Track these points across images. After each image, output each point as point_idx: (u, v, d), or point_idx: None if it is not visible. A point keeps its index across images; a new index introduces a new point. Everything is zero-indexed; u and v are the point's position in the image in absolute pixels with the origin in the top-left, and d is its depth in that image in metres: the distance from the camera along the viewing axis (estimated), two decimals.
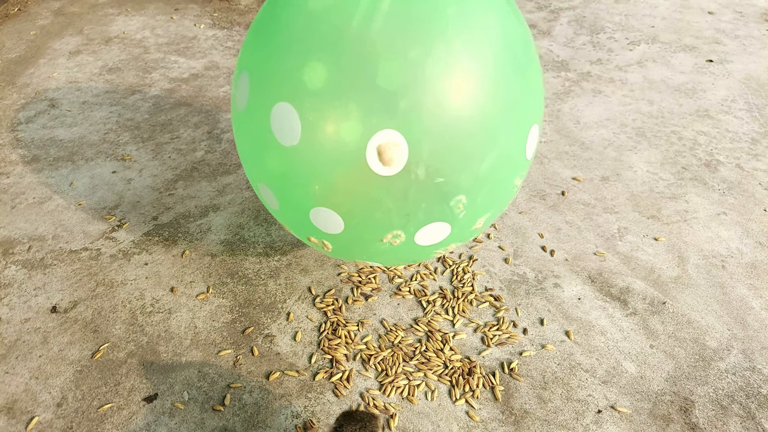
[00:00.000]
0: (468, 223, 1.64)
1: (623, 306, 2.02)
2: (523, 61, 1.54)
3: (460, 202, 1.53)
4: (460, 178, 1.49)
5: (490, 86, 1.45)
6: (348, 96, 1.38)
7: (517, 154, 1.58)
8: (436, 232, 1.61)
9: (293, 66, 1.44)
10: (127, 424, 1.68)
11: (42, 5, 4.43)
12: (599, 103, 3.16)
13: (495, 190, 1.61)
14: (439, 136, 1.41)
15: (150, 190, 2.57)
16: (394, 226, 1.55)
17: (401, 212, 1.51)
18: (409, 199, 1.48)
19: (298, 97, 1.43)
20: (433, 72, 1.37)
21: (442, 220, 1.57)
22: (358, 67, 1.37)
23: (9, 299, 2.06)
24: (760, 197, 2.48)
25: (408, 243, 1.62)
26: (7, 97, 3.27)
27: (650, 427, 1.66)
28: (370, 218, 1.54)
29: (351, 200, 1.52)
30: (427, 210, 1.52)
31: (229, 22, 4.17)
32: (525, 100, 1.55)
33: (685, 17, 4.10)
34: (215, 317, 1.99)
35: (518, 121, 1.54)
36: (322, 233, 1.66)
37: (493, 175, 1.55)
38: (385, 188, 1.45)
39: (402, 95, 1.36)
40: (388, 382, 1.77)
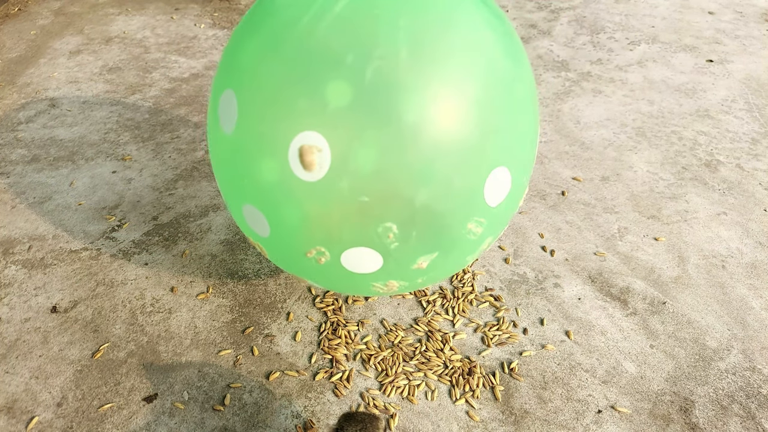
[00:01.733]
0: (406, 260, 1.48)
1: (623, 306, 2.02)
2: (495, 93, 1.38)
3: (389, 230, 1.38)
4: (389, 202, 1.34)
5: (436, 112, 1.30)
6: (278, 87, 1.32)
7: (471, 197, 1.41)
8: (365, 259, 1.45)
9: (239, 52, 1.44)
10: (127, 423, 1.68)
11: (42, 5, 4.43)
12: (599, 103, 3.16)
13: (439, 231, 1.45)
14: (368, 150, 1.28)
15: (150, 190, 2.57)
16: (316, 240, 1.44)
17: (321, 225, 1.41)
18: (330, 211, 1.37)
19: (239, 83, 1.41)
20: (374, 80, 1.25)
21: (370, 247, 1.42)
22: (295, 62, 1.31)
23: (9, 299, 2.06)
24: (760, 197, 2.48)
25: (334, 264, 1.48)
26: (7, 96, 3.27)
27: (650, 427, 1.66)
28: (292, 226, 1.45)
29: (273, 202, 1.43)
30: (351, 229, 1.39)
31: (230, 21, 4.17)
32: (488, 138, 1.37)
33: (685, 17, 4.09)
34: (215, 317, 1.99)
35: (473, 161, 1.37)
36: (254, 235, 1.59)
37: (433, 213, 1.39)
38: (306, 195, 1.35)
39: (332, 96, 1.26)
40: (388, 382, 1.78)
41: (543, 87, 3.32)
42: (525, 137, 1.51)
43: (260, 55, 1.39)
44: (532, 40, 3.84)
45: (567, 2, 4.37)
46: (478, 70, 1.36)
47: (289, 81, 1.32)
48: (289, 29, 1.35)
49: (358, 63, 1.27)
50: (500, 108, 1.40)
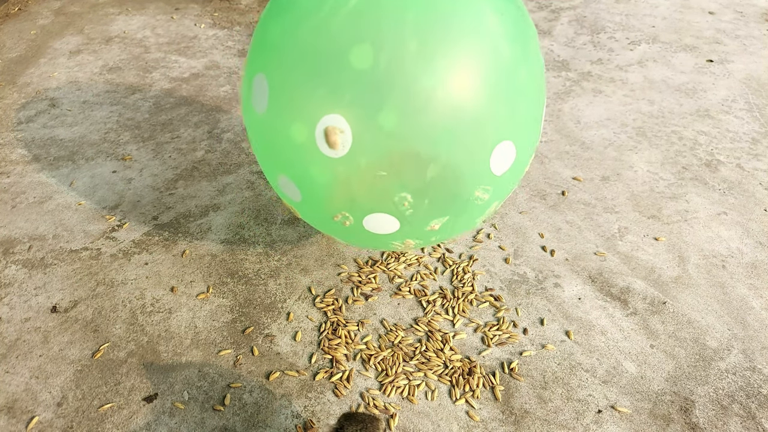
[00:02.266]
0: (420, 223, 1.64)
1: (623, 306, 2.02)
2: (501, 70, 1.49)
3: (405, 199, 1.54)
4: (404, 176, 1.50)
5: (447, 91, 1.42)
6: (306, 73, 1.46)
7: (477, 167, 1.55)
8: (384, 223, 1.63)
9: (275, 40, 1.55)
10: (127, 423, 1.68)
11: (42, 5, 4.43)
12: (600, 102, 3.16)
13: (449, 198, 1.59)
14: (382, 131, 1.42)
15: (150, 190, 2.57)
16: (340, 206, 1.62)
17: (345, 195, 1.58)
18: (352, 183, 1.54)
19: (272, 69, 1.55)
20: (390, 66, 1.38)
21: (388, 213, 1.59)
22: (322, 50, 1.44)
23: (9, 299, 2.06)
24: (760, 197, 2.48)
25: (357, 227, 1.67)
26: (7, 96, 3.27)
27: (650, 427, 1.66)
28: (319, 194, 1.63)
29: (303, 174, 1.60)
30: (370, 199, 1.57)
31: (230, 21, 4.17)
32: (492, 112, 1.49)
33: (685, 17, 4.09)
34: (215, 317, 1.99)
35: (478, 132, 1.49)
36: (289, 199, 1.78)
37: (443, 182, 1.53)
38: (331, 169, 1.52)
39: (352, 84, 1.40)
40: (388, 382, 1.77)
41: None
42: (528, 115, 1.63)
43: (287, 44, 1.51)
44: None
45: (567, 2, 4.37)
46: (484, 55, 1.47)
47: (315, 67, 1.45)
48: (310, 19, 1.47)
49: (375, 51, 1.39)
50: (505, 90, 1.51)
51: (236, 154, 2.79)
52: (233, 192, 2.55)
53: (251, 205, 2.47)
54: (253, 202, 2.48)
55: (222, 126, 3.00)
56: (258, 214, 2.42)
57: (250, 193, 2.53)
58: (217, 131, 2.96)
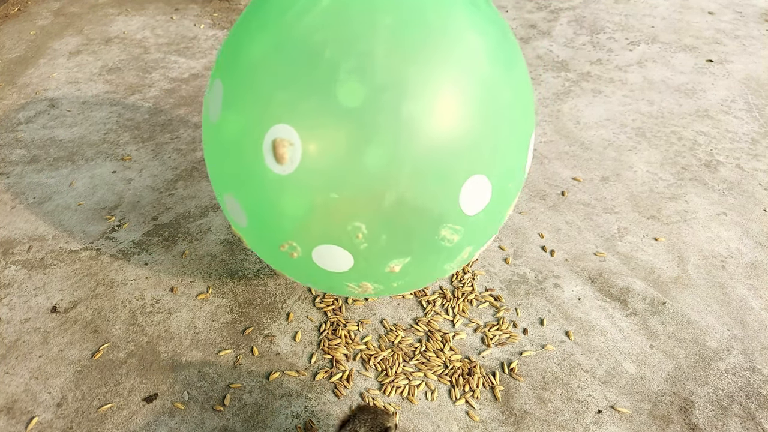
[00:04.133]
0: (377, 262, 1.46)
1: (623, 306, 2.02)
2: (481, 93, 1.35)
3: (358, 230, 1.36)
4: (358, 201, 1.34)
5: (415, 110, 1.27)
6: (259, 80, 1.35)
7: (445, 203, 1.38)
8: (336, 258, 1.45)
9: (234, 43, 1.48)
10: (127, 424, 1.68)
11: (42, 5, 4.43)
12: (599, 103, 3.16)
13: (410, 234, 1.41)
14: (339, 147, 1.29)
15: (150, 190, 2.57)
16: (287, 233, 1.45)
17: (292, 219, 1.41)
18: (299, 205, 1.37)
19: (229, 75, 1.44)
20: (346, 77, 1.25)
21: (340, 245, 1.41)
22: (278, 56, 1.34)
23: (9, 299, 2.06)
24: (760, 197, 2.49)
25: (306, 260, 1.48)
26: (7, 97, 3.27)
27: (650, 427, 1.66)
28: (266, 218, 1.47)
29: (248, 193, 1.46)
30: (320, 226, 1.39)
31: (229, 22, 4.17)
32: (462, 142, 1.33)
33: (685, 17, 4.10)
34: (215, 317, 1.99)
35: (446, 166, 1.33)
36: (234, 224, 1.65)
37: (402, 214, 1.36)
38: (278, 188, 1.37)
39: (307, 94, 1.28)
40: (388, 382, 1.78)
41: (543, 87, 3.32)
42: (509, 145, 1.45)
43: (246, 48, 1.43)
44: (531, 40, 3.84)
45: (567, 2, 4.37)
46: (459, 75, 1.33)
47: (269, 74, 1.35)
48: (276, 21, 1.38)
49: (336, 59, 1.27)
50: (480, 114, 1.36)
51: None
52: None
53: None
54: None
55: None
56: None
57: None
58: None
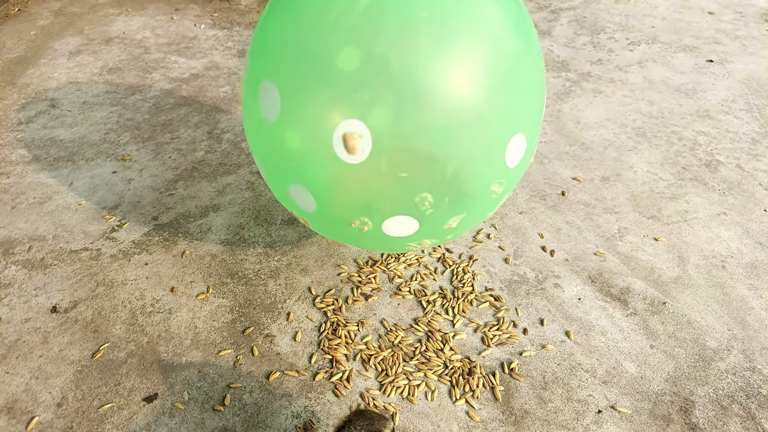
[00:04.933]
0: (438, 221, 1.64)
1: (623, 306, 2.02)
2: (510, 66, 1.50)
3: (425, 199, 1.53)
4: (423, 176, 1.49)
5: (463, 90, 1.43)
6: (320, 79, 1.43)
7: (493, 161, 1.56)
8: (403, 225, 1.62)
9: (281, 45, 1.52)
10: (127, 424, 1.68)
11: (42, 5, 4.43)
12: (599, 103, 3.16)
13: (467, 193, 1.60)
14: (402, 133, 1.42)
15: (150, 190, 2.57)
16: (359, 212, 1.59)
17: (365, 200, 1.56)
18: (371, 189, 1.52)
19: (281, 75, 1.51)
20: (403, 68, 1.38)
21: (408, 215, 1.58)
22: (326, 56, 1.42)
23: (9, 299, 2.06)
24: (760, 197, 2.48)
25: (376, 231, 1.65)
26: (7, 97, 3.27)
27: (650, 427, 1.66)
28: (337, 202, 1.60)
29: (320, 182, 1.57)
30: (391, 202, 1.55)
31: (230, 22, 4.17)
32: (506, 107, 1.51)
33: (685, 17, 4.09)
34: (215, 317, 1.99)
35: (494, 129, 1.51)
36: (300, 210, 1.73)
37: (462, 179, 1.54)
38: (350, 175, 1.49)
39: (369, 87, 1.39)
40: (388, 382, 1.78)
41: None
42: (537, 106, 1.66)
43: (295, 48, 1.48)
44: None
45: (567, 2, 4.37)
46: (491, 49, 1.48)
47: (327, 73, 1.43)
48: (320, 20, 1.44)
49: (387, 54, 1.38)
50: (514, 82, 1.53)
51: (236, 154, 2.79)
52: (233, 192, 2.55)
53: (251, 206, 2.47)
54: (253, 203, 2.48)
55: (222, 126, 3.00)
56: (258, 215, 2.42)
57: (250, 194, 2.53)
58: (217, 132, 2.96)
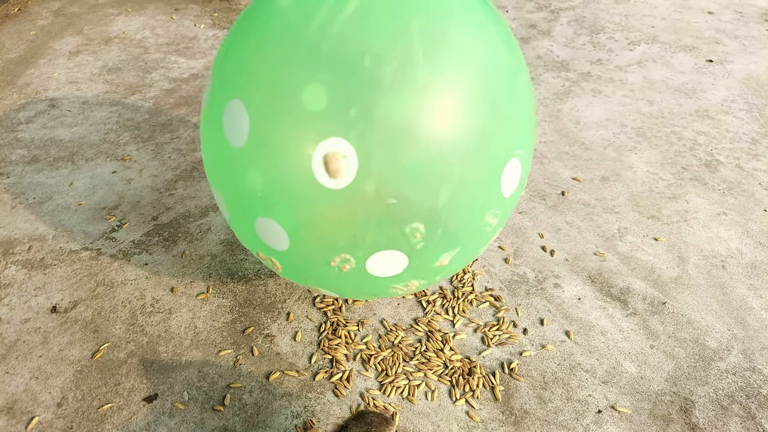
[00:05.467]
0: (430, 258, 1.48)
1: (623, 306, 2.02)
2: (503, 86, 1.41)
3: (417, 230, 1.38)
4: (416, 203, 1.35)
5: (456, 112, 1.32)
6: (298, 94, 1.28)
7: (489, 189, 1.44)
8: (390, 262, 1.45)
9: (247, 60, 1.38)
10: (127, 424, 1.68)
11: (42, 5, 4.43)
12: (599, 103, 3.16)
13: (462, 225, 1.46)
14: (392, 152, 1.28)
15: (150, 190, 2.57)
16: (341, 247, 1.42)
17: (348, 232, 1.38)
18: (357, 217, 1.35)
19: (249, 93, 1.34)
20: (391, 83, 1.25)
21: (397, 249, 1.42)
22: (308, 66, 1.28)
23: (9, 299, 2.06)
24: (760, 197, 2.49)
25: (359, 270, 1.46)
26: (7, 97, 3.27)
27: (650, 427, 1.66)
28: (315, 236, 1.42)
29: (295, 212, 1.39)
30: (378, 233, 1.38)
31: (229, 22, 4.17)
32: (500, 130, 1.40)
33: (685, 17, 4.10)
34: (215, 317, 1.99)
35: (491, 153, 1.40)
36: (268, 249, 1.53)
37: (456, 208, 1.40)
38: (332, 203, 1.33)
39: (354, 103, 1.25)
40: (388, 382, 1.78)
41: (543, 87, 3.32)
42: (531, 128, 1.56)
43: (268, 62, 1.34)
44: (532, 40, 3.84)
45: (567, 2, 4.37)
46: (489, 70, 1.39)
47: (304, 87, 1.28)
48: (298, 33, 1.31)
49: (374, 66, 1.25)
50: (511, 102, 1.43)
51: None
52: None
53: None
54: None
55: None
56: None
57: None
58: None
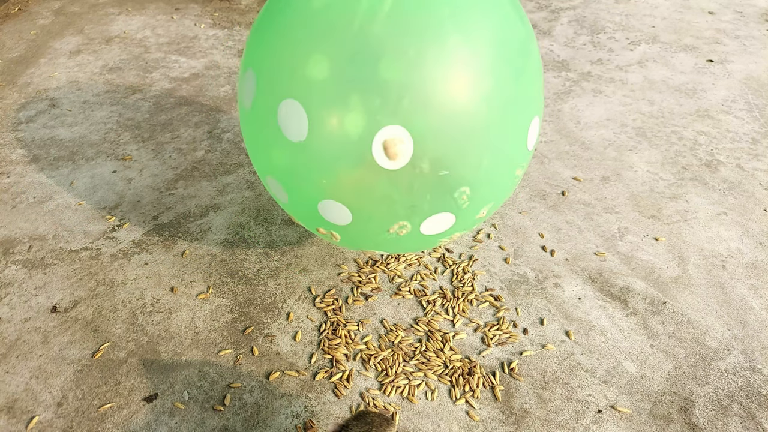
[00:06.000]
0: (472, 212, 1.69)
1: (623, 306, 2.02)
2: (521, 57, 1.57)
3: (464, 193, 1.58)
4: (463, 170, 1.54)
5: (489, 82, 1.48)
6: (353, 91, 1.42)
7: (518, 146, 1.64)
8: (441, 222, 1.66)
9: (298, 61, 1.47)
10: (127, 423, 1.68)
11: (42, 5, 4.43)
12: (599, 103, 3.16)
13: (497, 180, 1.68)
14: (442, 132, 1.46)
15: (150, 190, 2.57)
16: (400, 217, 1.60)
17: (407, 204, 1.57)
18: (414, 191, 1.53)
19: (305, 93, 1.46)
20: (433, 69, 1.41)
21: (447, 211, 1.62)
22: (361, 63, 1.41)
23: (9, 299, 2.06)
24: (760, 197, 2.48)
25: (414, 233, 1.67)
26: (7, 96, 3.27)
27: (650, 427, 1.66)
28: (376, 210, 1.60)
29: (358, 193, 1.57)
30: (432, 201, 1.57)
31: (230, 21, 4.17)
32: (524, 95, 1.59)
33: (685, 17, 4.09)
34: (215, 317, 1.99)
35: (518, 114, 1.59)
36: (330, 224, 1.71)
37: (495, 167, 1.61)
38: (391, 182, 1.50)
39: (406, 92, 1.40)
40: (388, 382, 1.78)
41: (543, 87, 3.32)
42: (541, 87, 1.74)
43: (321, 64, 1.44)
44: None
45: (567, 2, 4.37)
46: (508, 35, 1.55)
47: (356, 83, 1.42)
48: (343, 30, 1.42)
49: (414, 52, 1.40)
50: (529, 69, 1.59)
51: (236, 154, 2.79)
52: (233, 192, 2.55)
53: (251, 205, 2.47)
54: (253, 202, 2.48)
55: (222, 126, 3.00)
56: (258, 214, 2.42)
57: (250, 193, 2.53)
58: (217, 131, 2.96)
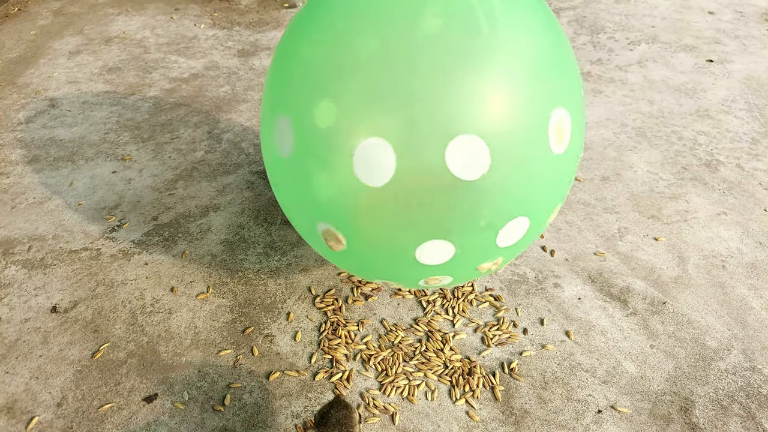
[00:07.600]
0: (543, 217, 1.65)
1: (623, 306, 2.02)
2: (560, 42, 1.54)
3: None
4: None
5: (526, 90, 1.43)
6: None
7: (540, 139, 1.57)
8: (516, 231, 1.56)
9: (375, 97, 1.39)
10: (127, 424, 1.68)
11: (42, 5, 4.43)
12: (599, 103, 3.16)
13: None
14: (519, 146, 1.42)
15: (150, 190, 2.57)
16: (497, 253, 1.57)
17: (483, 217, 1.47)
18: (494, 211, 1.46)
19: (389, 132, 1.35)
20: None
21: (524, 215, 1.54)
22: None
23: (9, 299, 2.06)
24: (760, 197, 2.48)
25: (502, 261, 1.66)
26: (7, 97, 3.27)
27: (650, 427, 1.66)
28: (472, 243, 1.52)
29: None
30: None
31: (230, 22, 4.17)
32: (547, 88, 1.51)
33: (685, 17, 4.09)
34: (215, 317, 1.99)
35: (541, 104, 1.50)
36: (430, 268, 1.58)
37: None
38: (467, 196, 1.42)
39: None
40: (388, 382, 1.78)
41: None
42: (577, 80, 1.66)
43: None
44: None
45: (567, 2, 4.37)
46: (545, 33, 1.49)
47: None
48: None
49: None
50: (571, 68, 1.55)
51: (236, 154, 2.79)
52: (233, 192, 2.55)
53: (251, 205, 2.47)
54: (253, 203, 2.48)
55: (222, 126, 3.00)
56: (258, 214, 2.42)
57: (250, 194, 2.53)
58: (217, 131, 2.96)
